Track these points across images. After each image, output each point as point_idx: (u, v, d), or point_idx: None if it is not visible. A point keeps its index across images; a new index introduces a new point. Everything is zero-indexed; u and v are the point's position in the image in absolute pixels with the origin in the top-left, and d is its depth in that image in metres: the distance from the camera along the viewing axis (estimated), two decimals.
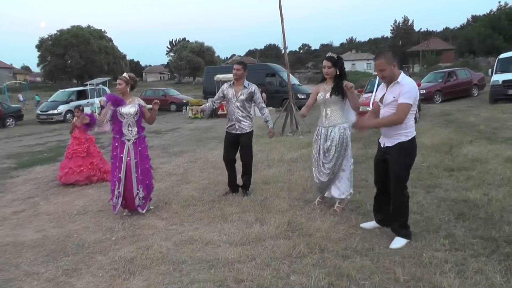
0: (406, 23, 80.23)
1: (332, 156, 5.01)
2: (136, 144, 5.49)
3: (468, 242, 3.92)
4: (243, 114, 5.87)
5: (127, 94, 5.53)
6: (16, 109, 23.83)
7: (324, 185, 5.16)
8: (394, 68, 3.94)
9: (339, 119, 5.02)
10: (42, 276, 3.85)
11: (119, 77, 5.59)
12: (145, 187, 5.54)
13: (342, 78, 4.96)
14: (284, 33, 12.40)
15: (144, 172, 5.54)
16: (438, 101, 19.06)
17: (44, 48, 61.75)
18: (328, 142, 5.03)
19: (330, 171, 5.05)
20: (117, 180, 5.44)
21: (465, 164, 6.78)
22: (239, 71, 5.85)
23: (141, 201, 5.53)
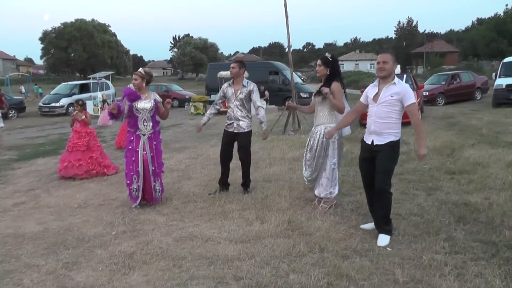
0: (410, 24, 79.98)
1: (313, 154, 5.14)
2: (151, 138, 5.60)
3: (468, 245, 3.92)
4: (242, 113, 5.87)
5: (143, 89, 5.60)
6: (19, 101, 23.84)
7: (308, 181, 5.30)
8: (394, 67, 4.15)
9: (325, 119, 5.13)
10: (42, 269, 3.86)
11: (135, 72, 5.65)
12: (161, 180, 5.73)
13: (333, 79, 5.04)
14: (289, 32, 12.39)
15: (160, 165, 5.72)
16: (441, 104, 19.03)
17: (47, 40, 61.79)
18: (312, 140, 5.17)
19: (311, 169, 5.19)
20: (135, 173, 5.54)
21: (466, 168, 6.78)
22: (234, 69, 5.86)
23: (158, 194, 5.70)
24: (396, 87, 4.11)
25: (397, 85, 4.12)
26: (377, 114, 4.19)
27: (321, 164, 5.11)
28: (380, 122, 4.17)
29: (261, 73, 23.61)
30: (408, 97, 4.06)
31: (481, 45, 45.04)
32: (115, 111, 5.47)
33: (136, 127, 5.56)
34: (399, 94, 4.07)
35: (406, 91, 4.09)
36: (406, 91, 4.08)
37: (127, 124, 5.70)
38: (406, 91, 4.08)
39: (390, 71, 4.14)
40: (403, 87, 4.13)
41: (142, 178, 5.54)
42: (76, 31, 60.40)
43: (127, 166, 5.62)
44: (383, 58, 4.16)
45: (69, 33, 60.27)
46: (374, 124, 4.21)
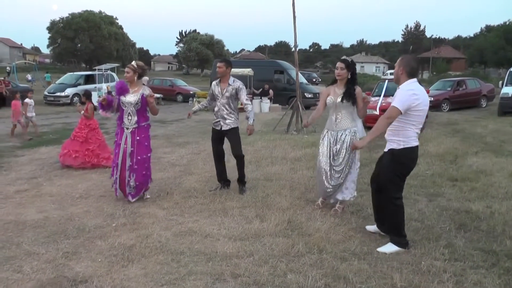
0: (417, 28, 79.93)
1: (342, 159, 4.98)
2: (134, 133, 5.51)
3: (468, 253, 3.91)
4: (227, 111, 5.87)
5: (134, 82, 5.57)
6: (24, 88, 23.85)
7: (333, 190, 5.08)
8: (400, 72, 3.99)
9: (349, 123, 5.01)
10: (42, 257, 3.88)
11: (127, 65, 5.63)
12: (139, 176, 5.54)
13: (354, 83, 4.97)
14: (296, 32, 12.37)
15: (140, 162, 5.54)
16: (446, 110, 18.97)
17: (55, 30, 61.77)
18: (338, 145, 5.00)
19: (340, 175, 5.01)
20: (115, 166, 5.59)
21: (469, 175, 6.75)
22: (221, 69, 5.84)
23: (132, 190, 5.56)
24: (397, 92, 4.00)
25: (399, 89, 3.98)
26: None
27: (348, 168, 5.02)
28: (389, 128, 4.06)
29: (266, 72, 23.58)
30: (395, 97, 3.92)
31: (489, 52, 44.83)
32: (104, 102, 5.53)
33: (121, 120, 5.56)
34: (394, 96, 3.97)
35: (398, 92, 3.94)
36: (398, 93, 3.94)
37: (117, 117, 5.68)
38: (398, 93, 3.94)
39: (396, 75, 4.05)
40: (399, 90, 3.95)
41: (119, 171, 5.55)
42: (84, 22, 60.37)
43: (113, 158, 5.73)
44: (396, 64, 4.08)
45: (76, 24, 60.26)
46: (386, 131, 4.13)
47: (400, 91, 3.93)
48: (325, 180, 5.07)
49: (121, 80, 5.69)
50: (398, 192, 4.07)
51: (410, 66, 3.98)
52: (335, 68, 5.04)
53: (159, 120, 15.65)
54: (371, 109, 12.23)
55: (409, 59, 4.07)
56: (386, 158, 4.07)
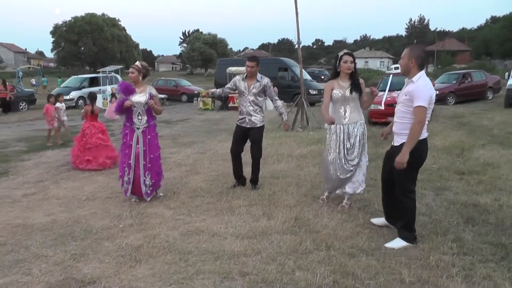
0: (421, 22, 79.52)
1: (357, 153, 5.00)
2: (146, 132, 5.56)
3: (476, 247, 3.88)
4: (254, 108, 5.82)
5: (139, 82, 5.58)
6: (29, 93, 23.99)
7: (342, 182, 5.09)
8: (411, 64, 3.91)
9: (358, 116, 5.03)
10: (51, 259, 3.90)
11: (132, 66, 5.63)
12: (154, 175, 5.61)
13: (356, 74, 5.00)
14: (299, 28, 12.34)
15: (153, 160, 5.61)
16: (451, 103, 18.86)
17: (58, 34, 62.24)
18: (352, 139, 4.99)
19: (353, 168, 5.02)
20: (127, 166, 5.57)
21: (476, 168, 6.71)
22: (253, 69, 5.75)
23: (148, 189, 5.60)
24: (411, 86, 3.89)
25: (414, 84, 3.87)
26: (397, 113, 4.07)
27: (359, 161, 5.05)
28: (398, 122, 4.03)
29: (270, 69, 23.47)
30: (416, 97, 3.80)
31: (495, 43, 44.50)
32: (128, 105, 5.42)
33: (131, 121, 5.56)
34: (411, 94, 3.85)
35: (416, 91, 3.82)
36: (416, 91, 3.82)
37: (124, 118, 5.64)
38: (416, 91, 3.82)
39: (405, 68, 3.95)
40: (416, 86, 3.85)
41: (133, 171, 5.56)
42: (87, 25, 60.75)
43: (121, 159, 5.70)
44: (403, 55, 4.00)
45: (79, 27, 60.65)
46: (395, 124, 4.10)
47: (418, 88, 3.83)
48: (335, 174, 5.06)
49: (123, 81, 5.68)
50: (412, 185, 4.06)
51: (421, 58, 3.94)
52: (344, 62, 4.92)
53: (164, 120, 15.69)
54: (377, 104, 12.24)
55: (420, 50, 4.01)
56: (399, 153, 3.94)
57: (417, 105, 3.79)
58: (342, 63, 4.94)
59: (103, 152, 7.80)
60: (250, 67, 5.76)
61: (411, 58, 3.92)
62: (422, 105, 3.78)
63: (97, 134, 7.92)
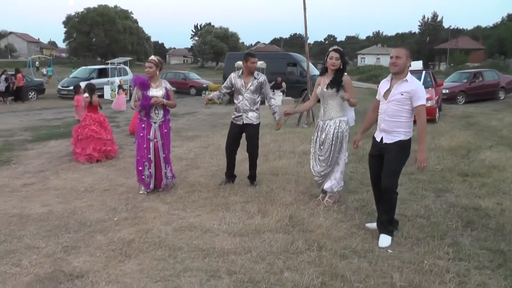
0: (435, 19, 78.23)
1: (327, 149, 5.02)
2: (162, 126, 5.64)
3: (473, 252, 3.78)
4: (251, 105, 5.76)
5: (156, 77, 5.57)
6: (39, 82, 24.16)
7: (320, 176, 5.14)
8: (407, 63, 4.00)
9: (335, 113, 5.00)
10: (42, 251, 3.90)
11: (149, 60, 5.60)
12: (171, 166, 5.85)
13: (342, 72, 4.95)
14: (306, 23, 12.20)
15: (169, 152, 5.82)
16: (461, 102, 18.59)
17: (70, 25, 62.51)
18: (323, 135, 5.04)
19: (326, 164, 5.05)
20: (147, 160, 5.60)
21: (481, 170, 6.57)
22: (254, 64, 5.72)
23: (169, 180, 5.81)
24: (407, 85, 3.94)
25: (409, 83, 3.94)
26: (386, 112, 4.07)
27: (336, 158, 5.03)
28: (389, 120, 4.04)
29: (279, 64, 23.42)
30: (418, 97, 3.89)
31: (510, 42, 43.73)
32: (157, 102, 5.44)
33: (148, 115, 5.55)
34: (410, 93, 3.90)
35: (417, 90, 3.91)
36: (417, 90, 3.91)
37: (139, 112, 5.68)
38: (417, 90, 3.91)
39: (402, 67, 3.97)
40: (415, 85, 3.94)
41: (154, 165, 5.58)
42: (99, 17, 60.88)
43: (139, 153, 5.66)
44: (396, 53, 4.00)
45: (91, 18, 60.80)
46: (384, 122, 4.09)
47: (418, 87, 3.97)
48: (312, 169, 5.21)
49: (137, 75, 5.67)
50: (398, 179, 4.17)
51: (411, 56, 4.13)
52: (329, 58, 4.91)
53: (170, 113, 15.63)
54: None
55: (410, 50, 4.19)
56: (394, 150, 4.01)
57: (421, 104, 3.92)
58: (328, 59, 4.93)
59: (92, 144, 7.66)
60: (256, 63, 5.73)
61: (408, 58, 4.00)
62: (424, 104, 3.95)
63: (91, 125, 7.83)
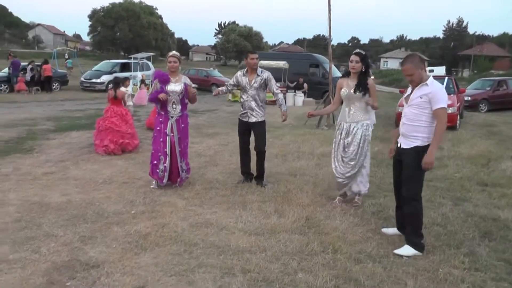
0: (460, 24, 77.00)
1: (352, 152, 5.04)
2: (179, 121, 5.71)
3: (490, 263, 3.72)
4: (256, 102, 5.83)
5: (176, 72, 5.64)
6: (62, 74, 24.60)
7: (344, 178, 5.11)
8: (422, 71, 3.93)
9: (362, 116, 5.04)
10: (60, 239, 3.99)
11: (172, 55, 5.67)
12: (187, 160, 5.86)
13: (366, 75, 5.00)
14: (330, 25, 12.15)
15: (186, 146, 5.85)
16: (484, 110, 18.27)
17: (95, 18, 63.33)
18: (350, 137, 5.06)
19: (351, 167, 5.05)
20: (162, 154, 5.65)
21: (501, 181, 6.46)
22: (256, 60, 5.86)
23: (185, 174, 5.83)
24: (427, 88, 3.86)
25: (429, 86, 3.86)
26: (406, 115, 4.04)
27: (362, 161, 5.08)
28: (408, 124, 4.00)
29: (301, 65, 23.33)
30: (437, 99, 3.80)
31: None
32: (164, 98, 5.51)
33: (165, 109, 5.62)
34: (428, 96, 3.83)
35: (436, 93, 3.82)
36: (436, 93, 3.82)
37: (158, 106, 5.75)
38: (436, 93, 3.82)
39: (419, 78, 3.91)
40: (435, 88, 3.85)
41: (169, 158, 5.63)
42: (124, 11, 61.54)
43: (155, 146, 5.73)
44: (407, 72, 3.94)
45: (116, 13, 61.49)
46: (403, 126, 4.07)
47: (437, 90, 3.86)
48: (335, 170, 5.18)
49: (158, 70, 5.76)
50: (420, 188, 4.06)
51: (423, 61, 4.02)
52: (350, 61, 5.03)
53: (191, 110, 15.59)
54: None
55: (417, 57, 4.05)
56: (411, 156, 3.96)
57: (440, 107, 3.83)
58: (349, 63, 5.03)
59: (109, 136, 7.73)
60: (256, 59, 5.84)
61: (418, 67, 3.91)
62: (444, 107, 3.84)
63: (111, 118, 7.92)
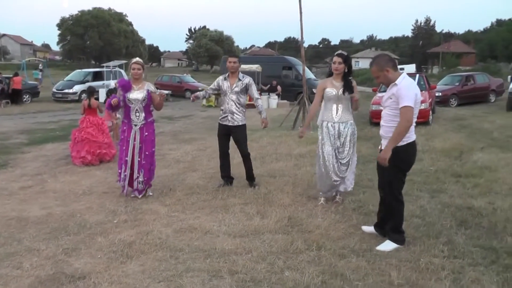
0: (427, 23, 78.96)
1: (347, 152, 5.14)
2: (143, 129, 5.58)
3: (467, 250, 3.87)
4: (237, 106, 5.89)
5: (140, 79, 5.58)
6: (33, 85, 24.10)
7: (339, 179, 5.18)
8: (388, 73, 3.89)
9: (349, 116, 5.17)
10: (42, 253, 3.92)
11: (136, 62, 5.60)
12: (146, 171, 5.61)
13: (350, 75, 5.12)
14: (302, 28, 12.29)
15: (147, 157, 5.62)
16: (454, 105, 18.80)
17: (64, 27, 62.36)
18: (342, 138, 5.13)
19: (346, 167, 5.17)
20: (123, 163, 5.57)
21: (473, 171, 6.69)
22: (235, 64, 5.87)
23: (140, 185, 5.62)
24: (395, 88, 3.86)
25: (397, 85, 3.84)
26: (383, 117, 4.09)
27: (351, 160, 5.20)
28: (385, 125, 4.03)
29: (274, 68, 23.55)
30: (401, 98, 3.76)
31: (500, 46, 44.25)
32: (115, 103, 5.49)
33: (128, 118, 5.57)
34: (396, 95, 3.83)
35: (400, 91, 3.78)
36: (400, 92, 3.78)
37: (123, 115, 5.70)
38: (400, 92, 3.78)
39: (385, 80, 3.94)
40: (400, 87, 3.82)
41: (129, 168, 5.58)
42: (93, 19, 60.80)
43: (119, 155, 5.71)
44: (373, 74, 4.00)
45: (86, 21, 60.71)
46: (381, 128, 4.10)
47: (402, 88, 3.80)
48: (333, 173, 5.13)
49: (122, 78, 5.74)
50: (401, 188, 4.08)
51: (390, 61, 3.94)
52: (333, 62, 5.13)
53: (166, 116, 15.71)
54: (378, 105, 12.21)
55: (383, 58, 4.01)
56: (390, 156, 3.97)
57: (403, 105, 3.76)
58: (332, 64, 5.12)
59: (86, 147, 7.67)
60: (233, 63, 5.86)
61: (383, 69, 3.89)
62: (408, 105, 3.75)
63: (87, 128, 7.85)
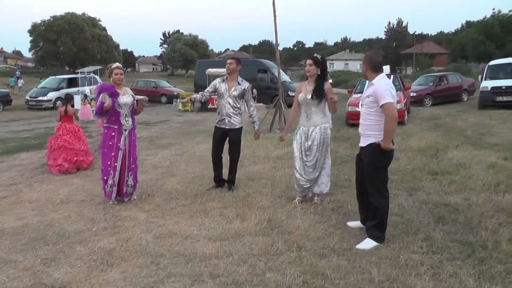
0: (400, 25, 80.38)
1: (314, 155, 5.17)
2: (131, 133, 5.63)
3: (445, 245, 3.98)
4: (234, 110, 5.89)
5: (121, 84, 5.58)
6: (5, 93, 23.50)
7: (309, 183, 5.24)
8: (365, 69, 4.14)
9: (320, 120, 5.17)
10: (20, 265, 3.83)
11: (117, 67, 5.55)
12: (135, 175, 5.73)
13: (324, 79, 5.11)
14: (277, 31, 12.38)
15: (135, 160, 5.74)
16: (428, 105, 19.19)
17: (36, 33, 61.04)
18: (309, 141, 5.18)
19: (313, 170, 5.20)
20: (112, 169, 5.52)
21: (449, 169, 6.85)
22: (231, 65, 5.87)
23: (130, 189, 5.68)
24: (372, 87, 4.03)
25: (374, 85, 4.02)
26: (361, 116, 4.22)
27: (322, 163, 5.22)
28: (362, 123, 4.17)
29: (249, 71, 23.48)
30: (380, 96, 3.91)
31: (470, 47, 45.38)
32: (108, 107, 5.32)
33: (119, 123, 5.51)
34: (373, 95, 3.99)
35: (378, 90, 3.94)
36: (378, 91, 3.94)
37: (107, 120, 5.53)
38: (378, 91, 3.94)
39: (363, 73, 4.21)
40: (377, 86, 3.98)
41: (118, 173, 5.54)
42: (66, 24, 59.70)
43: (104, 162, 5.58)
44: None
45: (58, 26, 59.55)
46: (360, 126, 4.23)
47: (379, 87, 3.97)
48: (299, 175, 5.27)
49: (105, 83, 5.67)
50: (385, 183, 4.16)
51: (372, 62, 4.11)
52: (305, 65, 5.20)
53: (143, 122, 15.55)
54: (354, 106, 12.39)
55: (371, 56, 4.20)
56: (368, 153, 4.11)
57: (384, 102, 3.90)
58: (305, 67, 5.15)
59: (63, 154, 7.54)
60: (229, 64, 5.87)
61: (363, 63, 4.15)
62: (388, 101, 3.90)
63: (64, 135, 7.71)
